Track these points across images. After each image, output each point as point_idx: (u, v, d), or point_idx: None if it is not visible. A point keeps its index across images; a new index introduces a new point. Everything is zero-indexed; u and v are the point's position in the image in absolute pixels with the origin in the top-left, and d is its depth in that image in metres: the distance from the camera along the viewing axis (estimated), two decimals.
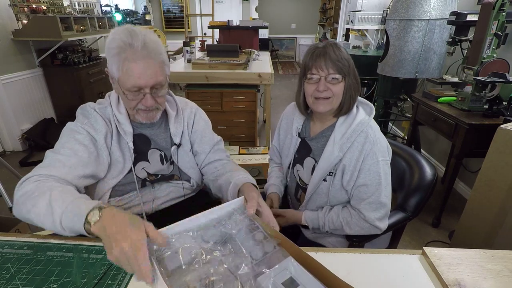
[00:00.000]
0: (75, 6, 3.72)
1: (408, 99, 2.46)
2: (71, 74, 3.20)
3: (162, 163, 0.98)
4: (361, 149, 0.90)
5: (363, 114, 0.94)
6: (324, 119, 1.00)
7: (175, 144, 0.98)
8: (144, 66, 0.78)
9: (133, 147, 0.91)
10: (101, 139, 0.86)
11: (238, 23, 3.50)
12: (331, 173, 0.95)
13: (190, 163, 1.02)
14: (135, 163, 0.93)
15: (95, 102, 0.95)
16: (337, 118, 0.96)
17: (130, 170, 0.92)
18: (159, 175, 0.99)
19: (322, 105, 0.92)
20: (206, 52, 2.93)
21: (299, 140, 1.05)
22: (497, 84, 1.53)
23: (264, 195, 1.19)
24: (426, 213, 2.02)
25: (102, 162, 0.87)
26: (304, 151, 1.04)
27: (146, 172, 0.96)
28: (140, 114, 0.87)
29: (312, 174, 0.99)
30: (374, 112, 0.96)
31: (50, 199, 0.67)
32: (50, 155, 0.81)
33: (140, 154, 0.94)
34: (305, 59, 0.93)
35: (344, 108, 0.93)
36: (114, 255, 0.56)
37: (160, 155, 0.97)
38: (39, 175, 0.75)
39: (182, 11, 6.42)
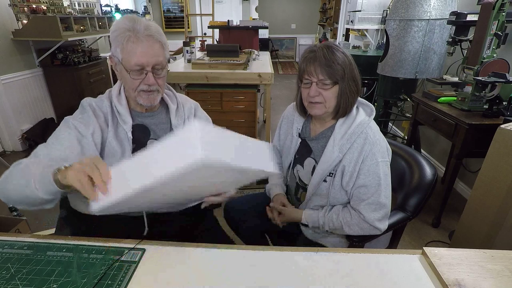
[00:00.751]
0: (75, 6, 3.72)
1: (408, 99, 2.46)
2: (71, 74, 3.20)
3: None
4: (361, 150, 0.90)
5: (363, 115, 0.94)
6: (323, 120, 1.00)
7: None
8: (146, 45, 0.83)
9: (131, 137, 0.92)
10: (88, 135, 0.86)
11: (238, 23, 3.50)
12: (331, 174, 0.95)
13: None
14: (134, 153, 0.94)
15: None
16: (336, 119, 0.96)
17: None
18: None
19: (316, 109, 0.94)
20: (206, 52, 2.93)
21: (300, 140, 1.05)
22: (497, 84, 1.53)
23: (266, 196, 1.19)
24: (426, 213, 2.02)
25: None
26: (305, 151, 1.04)
27: None
28: (142, 96, 0.90)
29: (312, 175, 0.99)
30: (374, 113, 0.96)
31: (25, 166, 0.73)
32: (40, 146, 0.85)
33: (139, 144, 0.95)
34: (299, 62, 0.94)
35: (340, 112, 0.93)
36: (75, 169, 0.60)
37: None
38: (20, 162, 0.77)
39: (182, 11, 6.42)
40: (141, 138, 0.96)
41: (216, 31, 4.40)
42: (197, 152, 0.49)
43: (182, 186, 0.62)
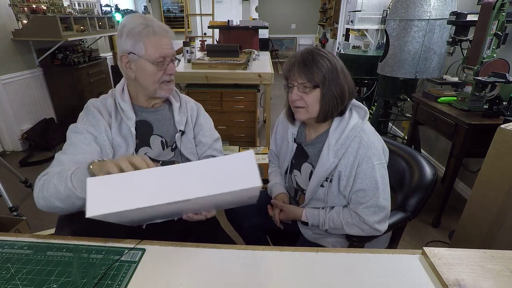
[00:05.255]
0: (75, 6, 3.71)
1: (408, 99, 2.46)
2: (71, 74, 3.20)
3: (163, 149, 1.02)
4: (356, 154, 0.89)
5: (356, 118, 0.93)
6: (315, 125, 0.99)
7: (180, 131, 1.02)
8: (166, 38, 0.92)
9: (135, 133, 0.95)
10: (101, 135, 0.91)
11: (238, 23, 3.50)
12: (327, 179, 0.95)
13: (192, 150, 1.06)
14: (138, 148, 0.98)
15: None
16: (330, 123, 0.95)
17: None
18: (160, 162, 1.01)
19: (299, 114, 0.93)
20: (206, 52, 2.93)
21: (295, 145, 1.05)
22: (497, 84, 1.53)
23: (267, 195, 1.19)
24: (426, 213, 2.02)
25: (106, 156, 0.91)
26: (301, 156, 1.04)
27: (149, 157, 0.98)
28: (163, 87, 0.96)
29: (309, 180, 0.99)
30: (367, 115, 0.95)
31: (60, 171, 0.77)
32: (58, 155, 0.87)
33: (142, 140, 0.98)
34: (283, 69, 0.94)
35: (320, 116, 0.92)
36: (115, 159, 0.70)
37: (161, 141, 1.01)
38: (48, 173, 0.81)
39: (182, 11, 6.42)
40: (144, 134, 0.99)
41: (216, 31, 4.40)
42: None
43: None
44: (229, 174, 0.63)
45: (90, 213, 0.60)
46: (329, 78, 0.87)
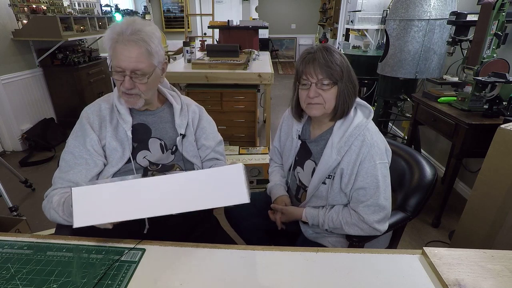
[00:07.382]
0: (75, 6, 3.72)
1: (408, 99, 2.46)
2: (71, 74, 3.20)
3: (163, 152, 1.00)
4: (358, 152, 0.90)
5: (361, 117, 0.94)
6: (321, 122, 1.00)
7: (181, 134, 1.01)
8: (128, 49, 0.85)
9: (131, 136, 0.93)
10: (87, 147, 0.91)
11: (238, 23, 3.50)
12: (330, 176, 0.95)
13: (194, 153, 1.05)
14: (136, 152, 0.96)
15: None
16: (335, 121, 0.96)
17: (130, 159, 0.94)
18: (160, 165, 1.00)
19: (314, 110, 0.93)
20: (206, 52, 2.93)
21: (300, 142, 1.05)
22: (497, 84, 1.53)
23: (267, 196, 1.19)
24: (426, 213, 2.02)
25: (97, 164, 0.92)
26: (305, 153, 1.04)
27: (148, 161, 0.99)
28: (124, 97, 0.93)
29: (312, 177, 0.99)
30: (372, 115, 0.95)
31: (50, 198, 0.86)
32: (55, 175, 0.92)
33: (140, 143, 0.97)
34: (297, 64, 0.94)
35: (338, 113, 0.93)
36: None
37: (160, 144, 1.00)
38: (48, 196, 0.90)
39: (182, 11, 6.42)
40: (142, 137, 0.98)
41: (216, 31, 4.40)
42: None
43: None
44: (216, 189, 0.64)
45: (76, 224, 0.63)
46: (345, 75, 0.89)
